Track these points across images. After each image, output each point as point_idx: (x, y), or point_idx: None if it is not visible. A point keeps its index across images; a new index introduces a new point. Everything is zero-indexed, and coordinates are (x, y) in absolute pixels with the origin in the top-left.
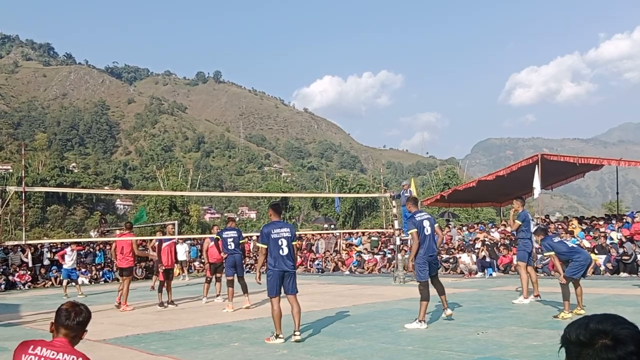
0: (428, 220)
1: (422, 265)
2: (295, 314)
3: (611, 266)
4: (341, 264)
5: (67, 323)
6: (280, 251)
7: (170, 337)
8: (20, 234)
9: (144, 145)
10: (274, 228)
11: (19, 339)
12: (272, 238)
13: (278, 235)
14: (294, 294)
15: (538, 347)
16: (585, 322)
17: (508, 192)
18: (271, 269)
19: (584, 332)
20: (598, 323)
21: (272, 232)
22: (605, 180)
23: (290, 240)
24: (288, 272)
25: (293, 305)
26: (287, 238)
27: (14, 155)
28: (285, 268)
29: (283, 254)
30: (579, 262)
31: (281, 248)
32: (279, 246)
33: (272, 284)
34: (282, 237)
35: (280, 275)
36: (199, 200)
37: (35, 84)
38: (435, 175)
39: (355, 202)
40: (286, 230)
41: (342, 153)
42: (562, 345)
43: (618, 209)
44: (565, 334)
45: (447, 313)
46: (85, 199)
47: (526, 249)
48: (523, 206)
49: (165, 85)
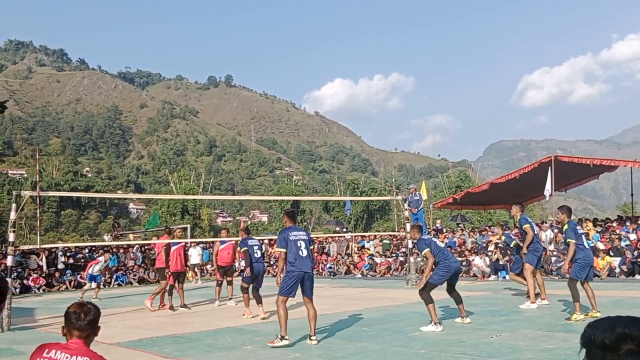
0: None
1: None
2: (312, 318)
3: (626, 268)
4: (353, 267)
5: (79, 324)
6: (300, 252)
7: (183, 340)
8: (35, 238)
9: (157, 149)
10: (291, 231)
11: (34, 342)
12: (290, 240)
13: (296, 238)
14: (311, 297)
15: (553, 351)
16: (611, 326)
17: (521, 195)
18: (292, 269)
19: (609, 335)
20: (625, 327)
21: (290, 235)
22: (620, 181)
23: (307, 242)
24: (308, 273)
25: (310, 309)
26: (304, 240)
27: (28, 160)
28: (306, 269)
29: (303, 255)
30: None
31: (300, 249)
32: (298, 247)
33: (290, 284)
34: (300, 240)
35: (300, 277)
36: (210, 204)
37: (49, 89)
38: (447, 178)
39: (367, 205)
40: (303, 233)
41: (353, 156)
42: (583, 346)
43: (633, 211)
44: (589, 335)
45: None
46: (98, 203)
47: (536, 253)
48: (522, 211)
49: (177, 89)
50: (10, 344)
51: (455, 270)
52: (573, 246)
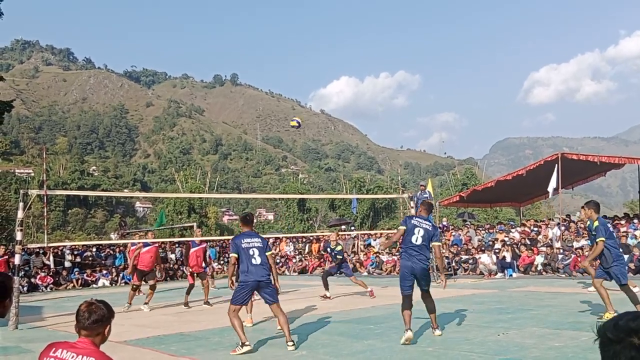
0: (257, 248)
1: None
2: (283, 324)
3: (633, 266)
4: (359, 265)
5: (85, 323)
6: (253, 260)
7: (190, 338)
8: (42, 236)
9: (163, 148)
10: (244, 238)
11: (42, 340)
12: (242, 247)
13: (248, 245)
14: (275, 302)
15: (560, 349)
16: (615, 320)
17: (527, 192)
18: (244, 278)
19: (612, 329)
20: (629, 321)
21: (243, 242)
22: (627, 179)
23: (262, 250)
24: (262, 282)
25: (278, 315)
26: (258, 248)
27: (35, 159)
28: (259, 278)
29: (256, 262)
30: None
31: (253, 257)
32: (250, 255)
33: (241, 294)
34: (253, 247)
35: (254, 286)
36: (217, 202)
37: (55, 88)
38: (454, 176)
39: (373, 203)
40: (257, 240)
41: (359, 154)
42: (597, 338)
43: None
44: (599, 329)
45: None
46: (105, 202)
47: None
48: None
49: (183, 88)
50: (18, 342)
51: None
52: (602, 245)
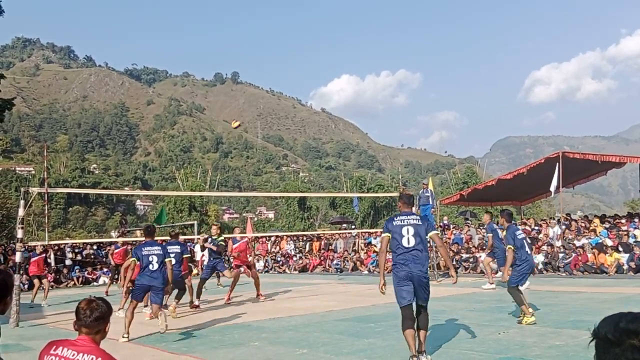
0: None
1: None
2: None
3: (634, 265)
4: (360, 263)
5: (85, 321)
6: (151, 266)
7: (191, 336)
8: (43, 234)
9: (163, 146)
10: (145, 247)
11: (43, 338)
12: (143, 255)
13: (149, 253)
14: (157, 304)
15: (561, 347)
16: (616, 320)
17: (528, 191)
18: (140, 280)
19: (613, 330)
20: (629, 323)
21: (144, 250)
22: (628, 178)
23: (160, 257)
24: (154, 287)
25: (158, 316)
26: (157, 255)
27: (36, 157)
28: (152, 283)
29: (153, 269)
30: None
31: (151, 264)
32: (149, 262)
33: (138, 293)
34: (152, 254)
35: (145, 289)
36: (217, 200)
37: (56, 86)
38: (454, 174)
39: (374, 201)
40: (157, 248)
41: (359, 152)
42: (592, 338)
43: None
44: (597, 329)
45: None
46: (106, 200)
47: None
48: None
49: (184, 86)
50: (19, 340)
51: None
52: (511, 252)
